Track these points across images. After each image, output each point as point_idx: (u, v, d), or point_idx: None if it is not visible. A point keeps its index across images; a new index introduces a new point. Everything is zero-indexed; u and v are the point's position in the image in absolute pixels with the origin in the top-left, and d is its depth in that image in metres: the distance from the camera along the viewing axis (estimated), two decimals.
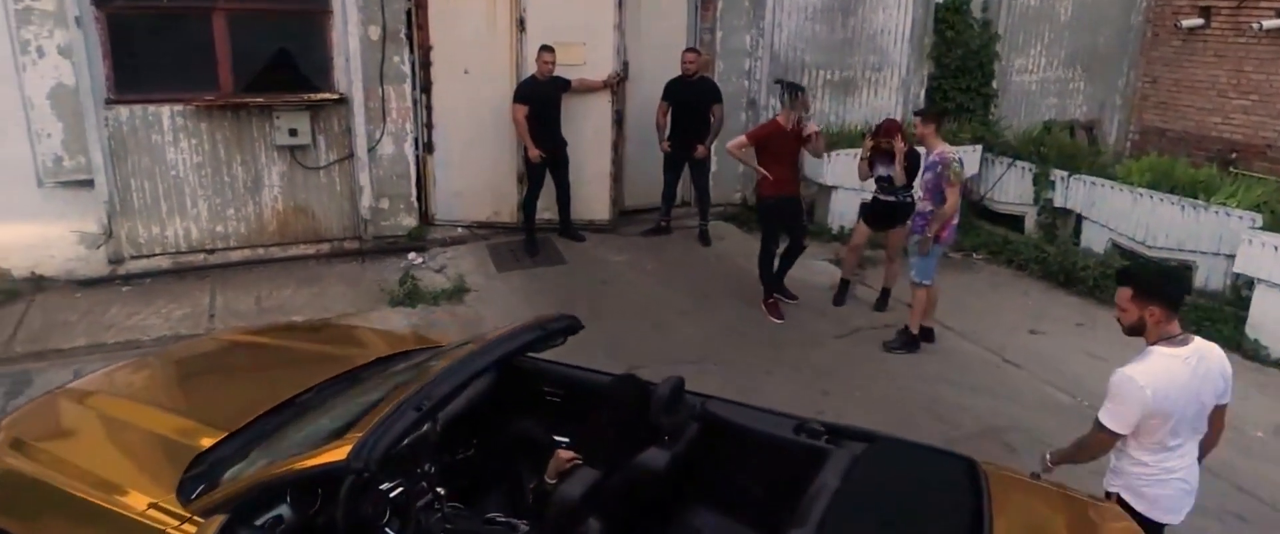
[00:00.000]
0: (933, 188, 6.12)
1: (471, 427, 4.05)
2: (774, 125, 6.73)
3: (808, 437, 3.38)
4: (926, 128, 6.19)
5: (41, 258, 7.11)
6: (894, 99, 9.72)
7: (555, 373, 3.90)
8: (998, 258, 8.60)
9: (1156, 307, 3.15)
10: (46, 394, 3.79)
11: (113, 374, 3.92)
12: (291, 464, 2.78)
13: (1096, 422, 3.28)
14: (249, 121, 7.38)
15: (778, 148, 6.67)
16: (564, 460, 3.21)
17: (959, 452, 3.43)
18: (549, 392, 3.90)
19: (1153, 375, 3.12)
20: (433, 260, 7.90)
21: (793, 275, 7.62)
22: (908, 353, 6.44)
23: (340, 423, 2.96)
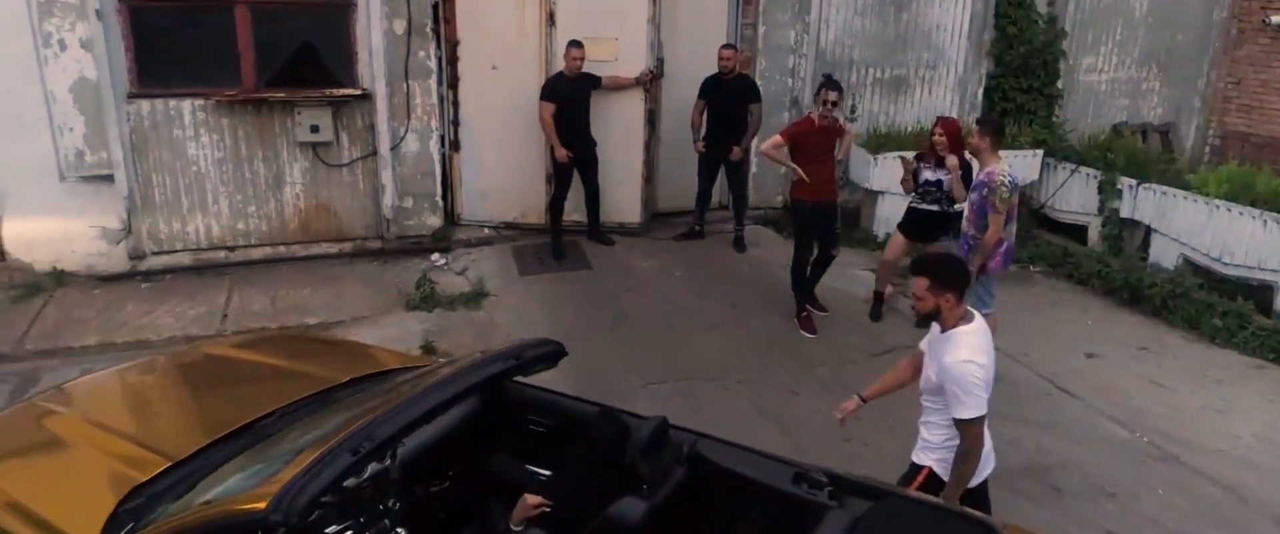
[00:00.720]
0: (978, 210, 5.57)
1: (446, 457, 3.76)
2: (806, 122, 6.32)
3: (809, 487, 2.99)
4: (983, 140, 5.53)
5: (63, 252, 7.06)
6: (949, 99, 9.15)
7: (541, 400, 3.57)
8: (1057, 271, 8.01)
9: (951, 294, 3.42)
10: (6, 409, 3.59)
11: (79, 386, 3.72)
12: (207, 512, 2.50)
13: (964, 421, 3.41)
14: (271, 117, 7.22)
15: (812, 146, 6.25)
16: (530, 506, 2.88)
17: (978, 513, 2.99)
18: (534, 421, 3.58)
19: (981, 352, 3.42)
20: (455, 262, 7.65)
21: (831, 286, 7.21)
22: None
23: (284, 459, 2.67)
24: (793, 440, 5.21)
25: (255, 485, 2.54)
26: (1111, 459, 5.12)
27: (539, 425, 3.54)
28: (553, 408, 3.55)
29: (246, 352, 3.96)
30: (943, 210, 6.27)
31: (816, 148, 6.27)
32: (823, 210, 6.41)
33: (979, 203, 5.57)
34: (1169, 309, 7.01)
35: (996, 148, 5.60)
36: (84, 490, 2.92)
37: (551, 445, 3.48)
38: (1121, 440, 5.33)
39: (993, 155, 5.57)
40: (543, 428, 3.54)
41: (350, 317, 6.67)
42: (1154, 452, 5.21)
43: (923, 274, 3.45)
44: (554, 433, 3.50)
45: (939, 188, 6.17)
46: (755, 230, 8.30)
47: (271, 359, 3.86)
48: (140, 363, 4.03)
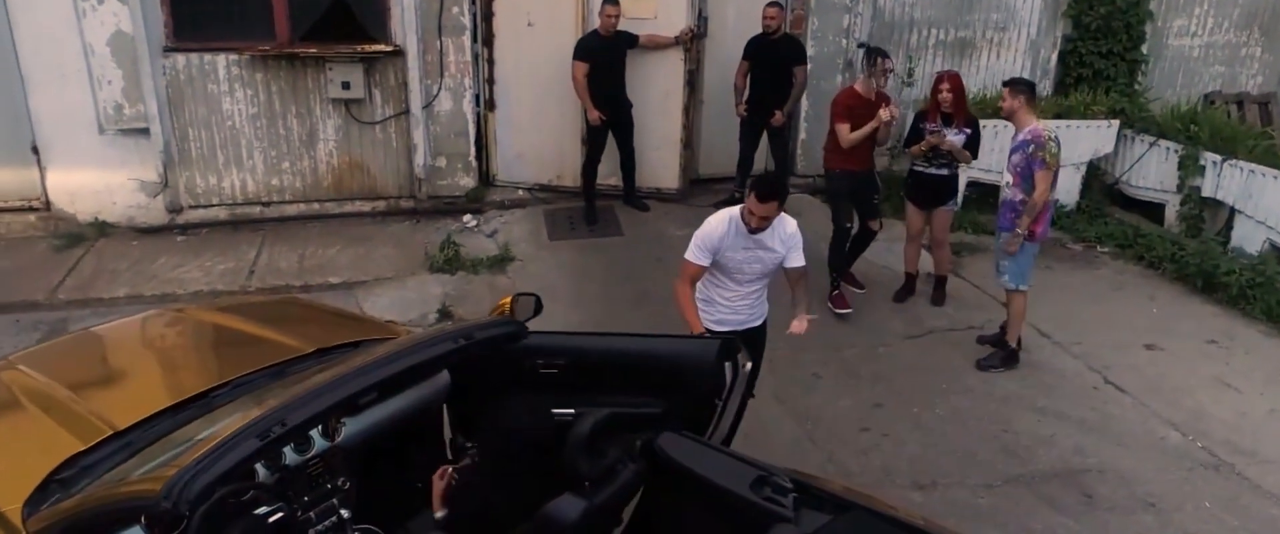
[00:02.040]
0: (1022, 171, 5.17)
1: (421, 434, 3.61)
2: (852, 95, 5.92)
3: (772, 493, 2.72)
4: (1015, 99, 5.17)
5: (105, 204, 7.19)
6: (1020, 63, 8.51)
7: (550, 345, 3.34)
8: (1125, 253, 7.40)
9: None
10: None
11: (50, 347, 3.70)
12: (103, 493, 2.39)
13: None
14: (304, 72, 7.16)
15: (855, 120, 5.85)
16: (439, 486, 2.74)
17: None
18: (543, 365, 3.34)
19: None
20: (486, 224, 7.52)
21: (878, 262, 6.83)
22: (1007, 370, 5.51)
23: (201, 439, 2.54)
24: (806, 429, 4.93)
25: (165, 466, 2.41)
26: (1158, 466, 4.67)
27: (550, 368, 3.32)
28: (562, 348, 3.33)
29: (223, 316, 3.87)
30: (950, 173, 5.90)
31: (861, 122, 5.87)
32: (860, 181, 6.04)
33: (1022, 164, 5.18)
34: (1247, 299, 6.38)
35: (1032, 107, 5.25)
36: (22, 455, 2.86)
37: (565, 385, 3.28)
38: (1172, 445, 4.87)
39: (1030, 115, 5.22)
40: (554, 368, 3.32)
41: (373, 277, 6.62)
42: (1208, 459, 4.74)
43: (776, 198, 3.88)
44: (568, 372, 3.28)
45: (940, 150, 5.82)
46: (799, 199, 7.87)
47: (246, 326, 3.76)
48: (115, 324, 4.00)
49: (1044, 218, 5.28)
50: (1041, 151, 5.04)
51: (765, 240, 4.05)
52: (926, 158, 5.93)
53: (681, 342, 3.42)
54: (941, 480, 4.49)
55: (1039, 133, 5.09)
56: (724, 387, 3.22)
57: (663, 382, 3.25)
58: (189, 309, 4.03)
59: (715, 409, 3.23)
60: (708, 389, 3.21)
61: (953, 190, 6.14)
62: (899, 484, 4.45)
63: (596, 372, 3.27)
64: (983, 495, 4.39)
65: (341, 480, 3.10)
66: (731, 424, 4.47)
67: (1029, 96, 5.22)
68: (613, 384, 3.26)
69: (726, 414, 3.19)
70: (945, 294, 6.40)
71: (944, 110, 5.82)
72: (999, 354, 5.58)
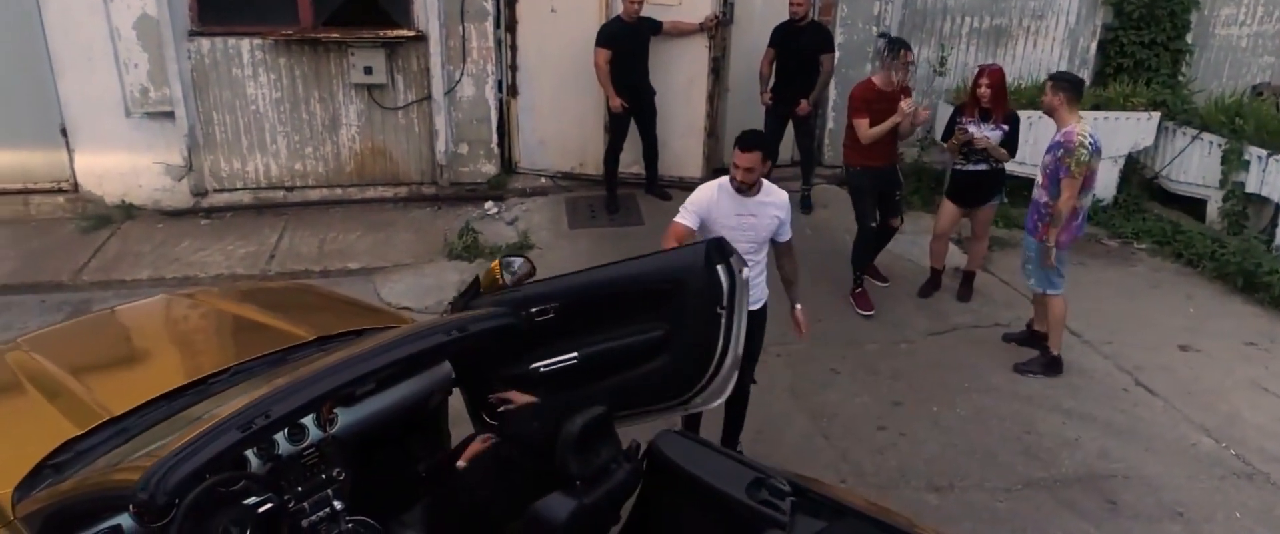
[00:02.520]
0: (1051, 174, 4.97)
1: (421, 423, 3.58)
2: (870, 88, 5.73)
3: (769, 496, 2.62)
4: (1056, 96, 4.94)
5: (131, 187, 7.25)
6: (1057, 53, 8.26)
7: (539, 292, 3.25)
8: (1163, 250, 7.16)
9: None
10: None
11: (58, 330, 3.71)
12: (84, 481, 2.37)
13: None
14: (326, 57, 7.15)
15: (874, 114, 5.68)
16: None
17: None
18: (537, 314, 3.27)
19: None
20: (507, 211, 7.47)
21: (903, 255, 6.71)
22: (1048, 377, 5.29)
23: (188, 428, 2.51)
24: (820, 426, 4.82)
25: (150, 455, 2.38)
26: (1187, 473, 4.50)
27: (545, 314, 3.24)
28: (551, 293, 3.25)
29: (230, 303, 3.86)
30: (991, 169, 5.70)
31: (880, 116, 5.70)
32: (883, 178, 5.87)
33: (1052, 166, 4.97)
34: None
35: (1074, 106, 4.97)
36: (19, 439, 2.86)
37: (566, 331, 3.21)
38: (1204, 451, 4.68)
39: (1071, 114, 4.97)
40: (550, 314, 3.24)
41: (392, 263, 6.61)
42: (1241, 467, 4.55)
43: (760, 148, 3.87)
44: (562, 316, 3.20)
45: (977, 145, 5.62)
46: (825, 190, 7.76)
47: (252, 313, 3.74)
48: (124, 308, 4.00)
49: (1071, 225, 5.05)
50: (1069, 158, 4.81)
51: (755, 207, 3.98)
52: (966, 155, 5.74)
53: (666, 254, 3.35)
54: (959, 482, 4.36)
55: (1072, 136, 4.84)
56: (721, 293, 3.08)
57: (658, 300, 3.15)
58: (198, 294, 4.02)
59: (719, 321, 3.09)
60: (705, 297, 3.07)
61: (997, 186, 5.95)
62: (914, 486, 4.33)
63: (592, 306, 3.18)
64: (1001, 499, 4.26)
65: (337, 471, 3.06)
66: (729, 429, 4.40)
67: (1072, 94, 4.95)
68: (611, 316, 3.18)
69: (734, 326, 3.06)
70: (973, 290, 6.24)
71: (983, 105, 5.64)
72: (1039, 360, 5.36)
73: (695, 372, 3.19)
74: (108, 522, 2.58)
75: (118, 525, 2.60)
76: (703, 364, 3.16)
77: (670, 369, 3.17)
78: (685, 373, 3.19)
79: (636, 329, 3.17)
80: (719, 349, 3.15)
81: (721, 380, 3.22)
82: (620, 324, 3.19)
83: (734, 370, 3.22)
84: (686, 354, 3.16)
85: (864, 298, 6.03)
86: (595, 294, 3.20)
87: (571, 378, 3.25)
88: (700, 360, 3.15)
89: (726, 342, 3.13)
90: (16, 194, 7.16)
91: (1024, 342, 5.58)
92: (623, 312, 3.19)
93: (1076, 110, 4.99)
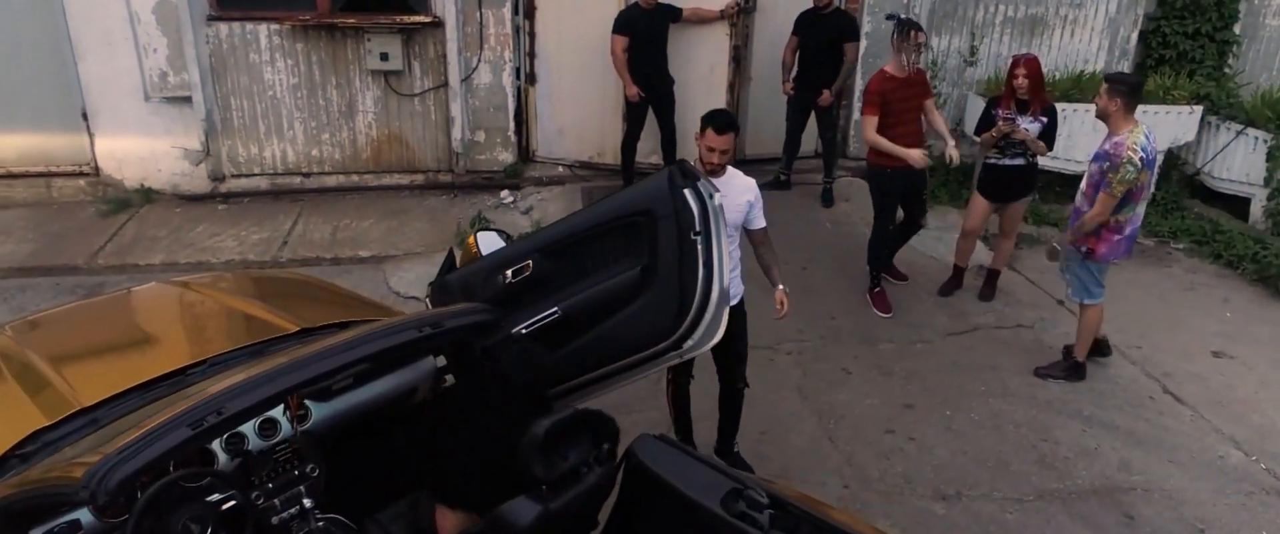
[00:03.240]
0: (1095, 184, 4.67)
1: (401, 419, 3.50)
2: (885, 78, 5.45)
3: (747, 508, 2.50)
4: (1113, 101, 4.58)
5: (150, 171, 7.29)
6: (1095, 43, 7.95)
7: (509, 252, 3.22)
8: (1201, 250, 6.87)
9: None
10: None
11: (46, 317, 3.68)
12: (30, 478, 2.31)
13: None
14: (343, 43, 7.10)
15: (897, 104, 5.45)
16: None
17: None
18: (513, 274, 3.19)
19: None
20: (523, 200, 7.39)
21: (927, 252, 6.52)
22: (1069, 381, 5.06)
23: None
24: (827, 428, 4.66)
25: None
26: (1213, 487, 4.27)
27: (522, 272, 3.16)
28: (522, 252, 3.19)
29: (221, 292, 3.80)
30: (1027, 163, 5.46)
31: (901, 104, 5.47)
32: (906, 176, 5.61)
33: (1098, 176, 4.66)
34: None
35: (1131, 112, 4.63)
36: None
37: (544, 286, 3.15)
38: (1232, 465, 4.45)
39: (1126, 120, 4.62)
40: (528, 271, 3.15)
41: (403, 251, 6.56)
42: (1272, 483, 4.32)
43: (733, 129, 3.73)
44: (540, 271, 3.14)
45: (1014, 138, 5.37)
46: (848, 184, 7.55)
47: (241, 302, 3.68)
48: (114, 295, 3.97)
49: (1112, 239, 4.74)
50: (1113, 173, 4.51)
51: (723, 185, 3.72)
52: (1000, 148, 5.50)
53: (629, 189, 3.25)
54: (967, 491, 4.18)
55: (1120, 149, 4.51)
56: (692, 216, 2.97)
57: (628, 237, 3.05)
58: (191, 282, 3.98)
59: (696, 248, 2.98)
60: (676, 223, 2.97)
61: (1031, 182, 5.71)
62: (920, 493, 4.17)
63: (568, 256, 3.11)
64: (1011, 510, 4.08)
65: (310, 467, 3.00)
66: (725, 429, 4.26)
67: (1130, 99, 4.59)
68: (589, 263, 3.11)
69: (715, 254, 2.96)
70: (996, 289, 6.02)
71: (1019, 96, 5.39)
72: (1061, 364, 5.14)
73: (678, 307, 3.06)
74: (67, 516, 2.54)
75: (76, 520, 2.56)
76: (686, 298, 3.04)
77: (653, 307, 3.04)
78: (668, 309, 3.06)
79: (616, 269, 3.08)
80: (701, 279, 3.03)
81: (711, 318, 3.07)
82: (599, 270, 3.10)
83: (724, 306, 3.09)
84: (667, 288, 3.03)
85: (882, 298, 5.84)
86: (569, 242, 3.12)
87: (556, 335, 3.17)
88: (682, 294, 3.03)
89: (707, 271, 3.02)
90: (39, 177, 7.23)
91: (1069, 351, 5.24)
92: (600, 256, 3.10)
93: (1132, 116, 4.64)
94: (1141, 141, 4.55)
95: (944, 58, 7.77)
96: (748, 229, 3.98)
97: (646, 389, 4.60)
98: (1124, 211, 4.68)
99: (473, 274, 3.44)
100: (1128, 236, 4.81)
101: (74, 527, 2.54)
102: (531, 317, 3.24)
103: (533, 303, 3.27)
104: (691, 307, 3.13)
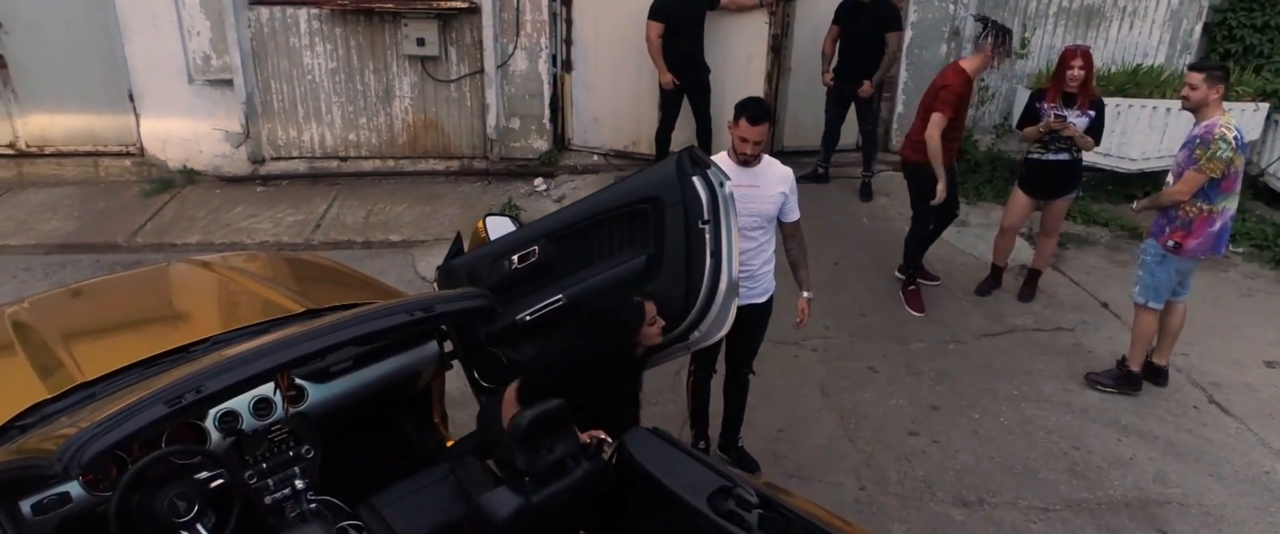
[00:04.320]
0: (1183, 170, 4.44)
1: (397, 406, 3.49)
2: (965, 80, 5.16)
3: (735, 506, 2.41)
4: (1213, 88, 4.34)
5: (193, 152, 7.42)
6: (1156, 36, 7.61)
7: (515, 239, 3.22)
8: (1262, 254, 6.53)
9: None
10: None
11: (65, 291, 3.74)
12: (17, 446, 2.32)
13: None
14: (381, 28, 7.13)
15: (962, 105, 5.26)
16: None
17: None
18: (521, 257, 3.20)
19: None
20: (556, 189, 7.35)
21: (966, 249, 6.31)
22: (1121, 393, 4.81)
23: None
24: (848, 428, 4.52)
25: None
26: (1255, 504, 4.04)
27: (529, 258, 3.17)
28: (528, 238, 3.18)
29: (236, 271, 3.82)
30: (1072, 159, 5.22)
31: (964, 105, 5.30)
32: (948, 176, 5.39)
33: (1186, 162, 4.40)
34: None
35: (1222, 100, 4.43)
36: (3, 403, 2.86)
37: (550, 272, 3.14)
38: (1278, 481, 4.20)
39: (1219, 109, 4.41)
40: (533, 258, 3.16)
41: (432, 236, 6.56)
42: None
43: (766, 119, 3.60)
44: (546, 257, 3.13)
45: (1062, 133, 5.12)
46: (887, 178, 7.33)
47: (254, 282, 3.69)
48: (132, 273, 4.03)
49: (1202, 230, 4.48)
50: (1201, 149, 4.28)
51: (757, 176, 3.68)
52: (1043, 143, 5.28)
53: (637, 175, 3.17)
54: (989, 498, 4.02)
55: (1212, 128, 4.30)
56: (701, 205, 2.92)
57: (635, 225, 3.01)
58: (211, 261, 4.02)
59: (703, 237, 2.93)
60: (685, 212, 2.92)
61: (1075, 178, 5.47)
62: (940, 499, 4.02)
63: (574, 242, 3.09)
64: (1036, 520, 3.91)
65: (305, 448, 3.00)
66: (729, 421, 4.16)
67: (1225, 85, 4.43)
68: (596, 250, 3.08)
69: (724, 243, 2.90)
70: (1037, 290, 5.79)
71: (1068, 89, 5.13)
72: (1113, 373, 4.88)
73: (685, 296, 3.02)
74: (56, 488, 2.56)
75: (66, 492, 2.58)
76: (692, 286, 3.00)
77: (659, 297, 2.99)
78: (674, 298, 3.02)
79: (621, 257, 3.03)
80: (708, 268, 2.96)
81: (718, 309, 3.05)
82: (605, 257, 3.06)
83: (732, 297, 3.04)
84: (673, 277, 3.00)
85: (916, 297, 5.66)
86: (575, 228, 3.09)
87: (561, 322, 3.13)
88: (689, 283, 2.99)
89: (716, 261, 2.94)
90: (87, 156, 7.42)
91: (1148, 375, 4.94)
92: (607, 244, 3.07)
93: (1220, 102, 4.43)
94: (1234, 123, 4.37)
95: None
96: (781, 221, 3.85)
97: (665, 381, 4.53)
98: (1217, 201, 4.44)
99: (479, 259, 3.42)
100: (1219, 231, 4.55)
101: (64, 499, 2.57)
102: (536, 303, 3.20)
103: (538, 289, 3.23)
104: (698, 297, 3.06)
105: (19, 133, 7.36)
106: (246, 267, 4.00)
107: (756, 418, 4.37)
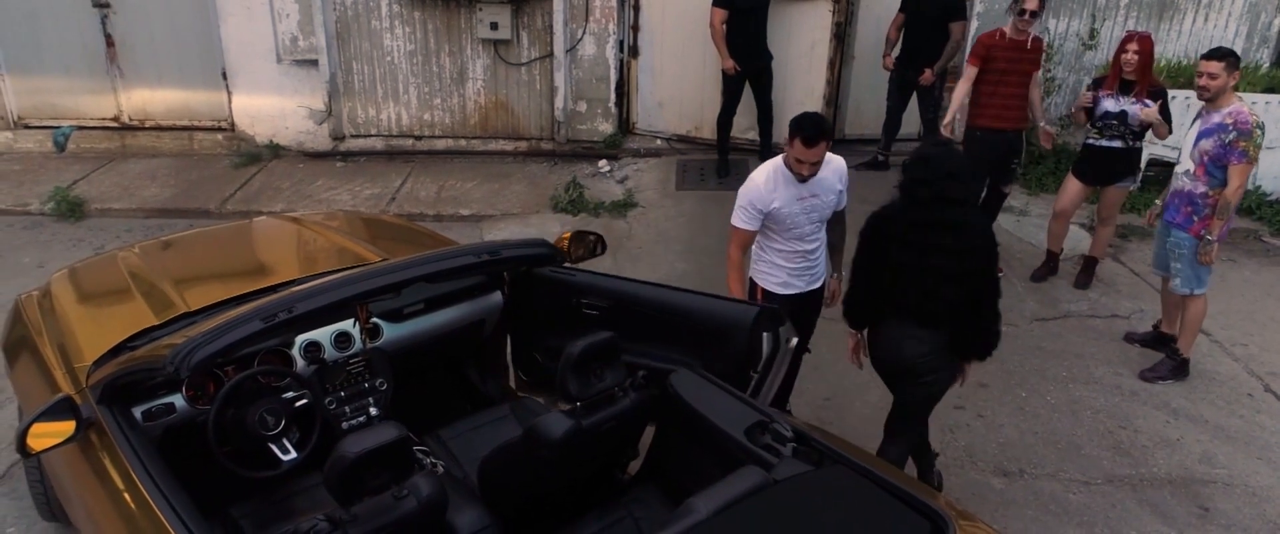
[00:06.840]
0: (1216, 160, 4.41)
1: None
2: (993, 35, 5.41)
3: (771, 440, 2.58)
4: (1232, 76, 4.36)
5: (279, 129, 7.86)
6: (1232, 29, 7.47)
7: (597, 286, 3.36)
8: None
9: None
10: (109, 251, 4.04)
11: (168, 240, 4.10)
12: (137, 353, 2.63)
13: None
14: (457, 12, 7.45)
15: (1001, 62, 5.37)
16: None
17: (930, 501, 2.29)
18: (587, 304, 3.38)
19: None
20: (619, 170, 7.58)
21: (1021, 235, 6.33)
22: (1176, 382, 4.80)
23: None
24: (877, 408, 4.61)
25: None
26: None
27: (593, 308, 3.33)
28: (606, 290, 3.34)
29: (324, 227, 4.13)
30: (1127, 146, 5.21)
31: (1007, 66, 5.38)
32: (1000, 141, 5.50)
33: (1217, 151, 4.41)
34: None
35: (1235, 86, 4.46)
36: (113, 326, 3.19)
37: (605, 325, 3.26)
38: None
39: (1232, 95, 4.43)
40: (596, 310, 3.33)
41: (500, 212, 6.85)
42: None
43: (825, 137, 3.49)
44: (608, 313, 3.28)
45: (1122, 121, 5.11)
46: None
47: (339, 237, 3.99)
48: (231, 225, 4.37)
49: (1231, 218, 4.55)
50: (1246, 142, 4.27)
51: (817, 187, 3.67)
52: (1099, 129, 5.29)
53: (722, 302, 3.23)
54: (1030, 470, 4.10)
55: (1245, 117, 4.28)
56: (759, 358, 3.02)
57: (696, 339, 3.13)
58: (303, 217, 4.34)
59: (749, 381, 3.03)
60: (740, 356, 3.02)
61: (1131, 167, 5.45)
62: (980, 467, 4.11)
63: (636, 317, 3.21)
64: (1076, 491, 3.97)
65: (380, 381, 3.27)
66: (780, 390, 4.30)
67: (1238, 70, 4.46)
68: (648, 333, 3.19)
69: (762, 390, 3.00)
70: (1094, 277, 5.79)
71: (1125, 75, 5.12)
72: (1167, 364, 4.86)
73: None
74: (163, 398, 2.88)
75: (171, 403, 2.90)
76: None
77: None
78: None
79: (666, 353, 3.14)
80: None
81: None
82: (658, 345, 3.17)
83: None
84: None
85: None
86: (643, 309, 3.22)
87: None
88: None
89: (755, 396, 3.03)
90: (184, 130, 7.93)
91: (1149, 343, 5.10)
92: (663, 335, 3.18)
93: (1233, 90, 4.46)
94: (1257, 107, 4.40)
95: (1061, 41, 7.47)
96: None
97: None
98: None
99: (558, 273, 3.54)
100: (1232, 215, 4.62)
101: (169, 408, 2.88)
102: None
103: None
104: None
105: (123, 107, 7.90)
106: (328, 222, 4.31)
107: (805, 387, 4.50)
